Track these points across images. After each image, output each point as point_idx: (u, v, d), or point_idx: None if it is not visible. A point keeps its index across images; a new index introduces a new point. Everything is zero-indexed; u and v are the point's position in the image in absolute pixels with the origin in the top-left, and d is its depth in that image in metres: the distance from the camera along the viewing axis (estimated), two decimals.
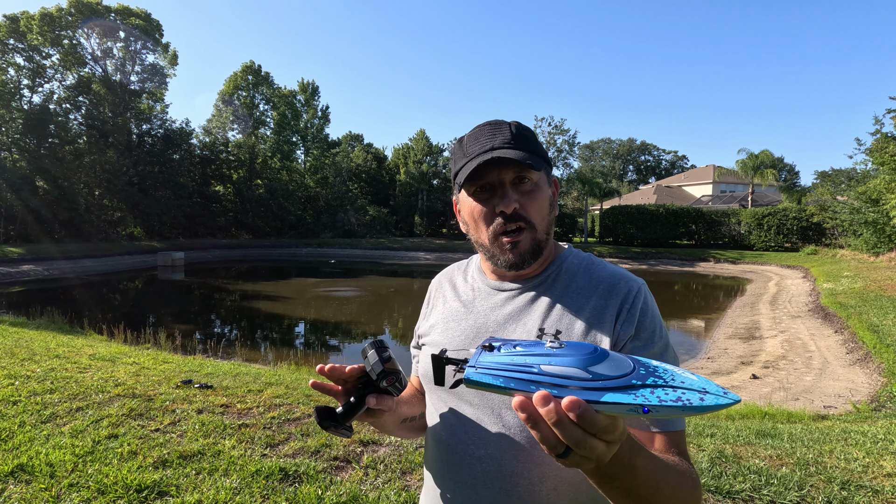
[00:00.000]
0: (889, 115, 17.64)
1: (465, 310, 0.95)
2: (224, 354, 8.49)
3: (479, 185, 0.86)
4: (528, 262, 0.87)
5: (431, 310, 1.03)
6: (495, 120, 0.89)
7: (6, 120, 25.75)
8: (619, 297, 0.87)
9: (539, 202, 0.86)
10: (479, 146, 0.86)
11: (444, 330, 0.95)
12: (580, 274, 0.91)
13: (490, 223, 0.86)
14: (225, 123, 39.16)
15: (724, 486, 2.61)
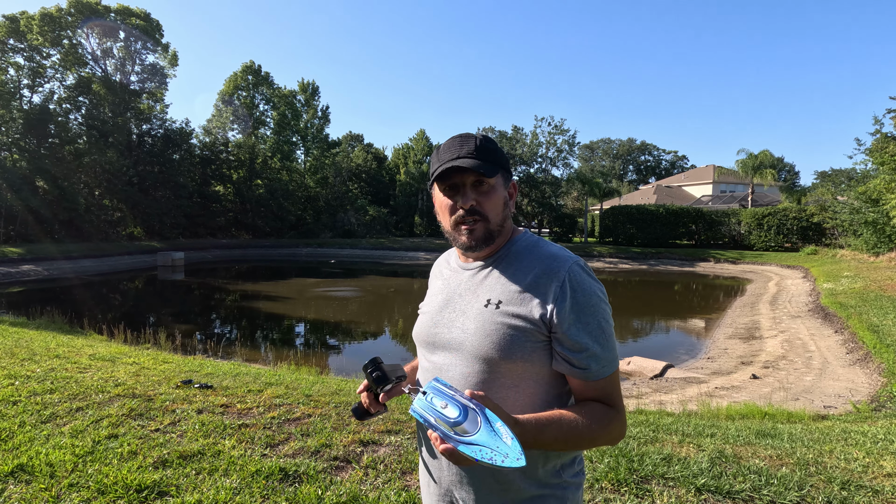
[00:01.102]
0: (889, 115, 17.66)
1: (443, 285, 1.21)
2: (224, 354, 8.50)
3: (447, 185, 1.08)
4: (481, 246, 1.09)
5: (428, 288, 1.31)
6: (466, 133, 1.10)
7: (6, 120, 25.74)
8: (552, 275, 1.05)
9: (493, 201, 1.08)
10: (448, 154, 1.07)
11: (429, 302, 1.22)
12: (524, 254, 1.12)
13: (452, 214, 1.08)
14: (225, 123, 39.16)
15: (724, 486, 2.61)
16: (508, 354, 1.03)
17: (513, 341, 1.03)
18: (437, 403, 0.89)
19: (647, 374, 7.76)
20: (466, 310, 1.10)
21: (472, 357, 1.06)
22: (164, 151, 32.32)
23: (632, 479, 2.67)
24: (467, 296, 1.12)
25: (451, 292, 1.16)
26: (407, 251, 32.54)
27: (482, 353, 1.04)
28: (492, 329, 1.04)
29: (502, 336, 1.03)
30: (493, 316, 1.05)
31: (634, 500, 2.50)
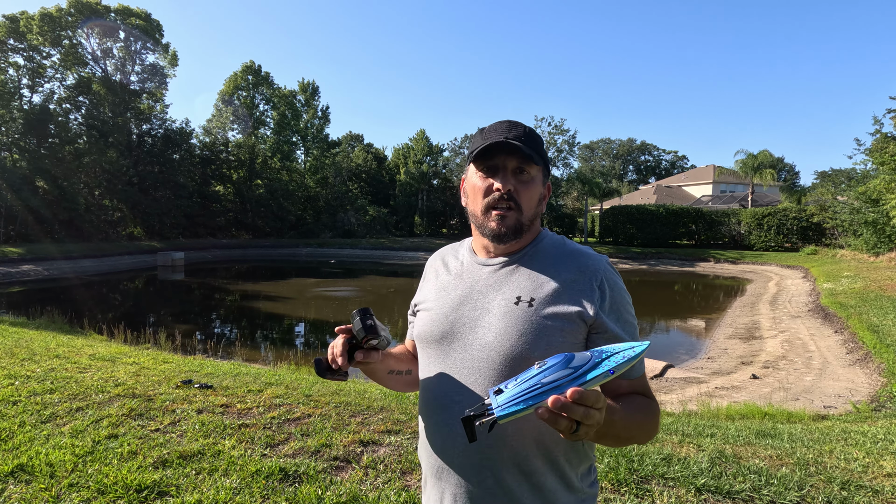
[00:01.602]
0: (889, 115, 17.65)
1: (456, 281, 1.12)
2: (224, 354, 8.50)
3: (486, 165, 1.04)
4: (510, 236, 1.03)
5: (425, 283, 1.21)
6: (515, 120, 1.07)
7: (6, 120, 25.74)
8: (589, 272, 1.03)
9: (531, 192, 1.04)
10: (495, 134, 1.03)
11: (437, 298, 1.12)
12: (553, 251, 1.09)
13: (486, 196, 1.03)
14: (225, 123, 39.15)
15: (724, 486, 2.61)
16: (544, 354, 0.96)
17: (550, 340, 0.98)
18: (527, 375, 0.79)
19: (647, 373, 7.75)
20: (490, 307, 1.03)
21: (502, 357, 0.99)
22: (164, 151, 32.31)
23: (632, 479, 2.67)
24: (490, 293, 1.05)
25: (469, 288, 1.08)
26: (407, 251, 32.54)
27: (515, 353, 0.98)
28: (526, 328, 0.99)
29: (538, 335, 0.99)
30: (527, 314, 1.00)
31: (634, 500, 2.50)
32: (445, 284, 1.13)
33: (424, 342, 1.12)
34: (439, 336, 1.08)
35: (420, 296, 1.20)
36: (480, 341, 1.02)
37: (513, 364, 0.99)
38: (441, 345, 1.07)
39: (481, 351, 1.01)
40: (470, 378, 1.02)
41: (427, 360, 1.11)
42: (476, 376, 1.01)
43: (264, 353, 9.83)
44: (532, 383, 0.76)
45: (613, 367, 0.77)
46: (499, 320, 1.01)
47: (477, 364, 1.02)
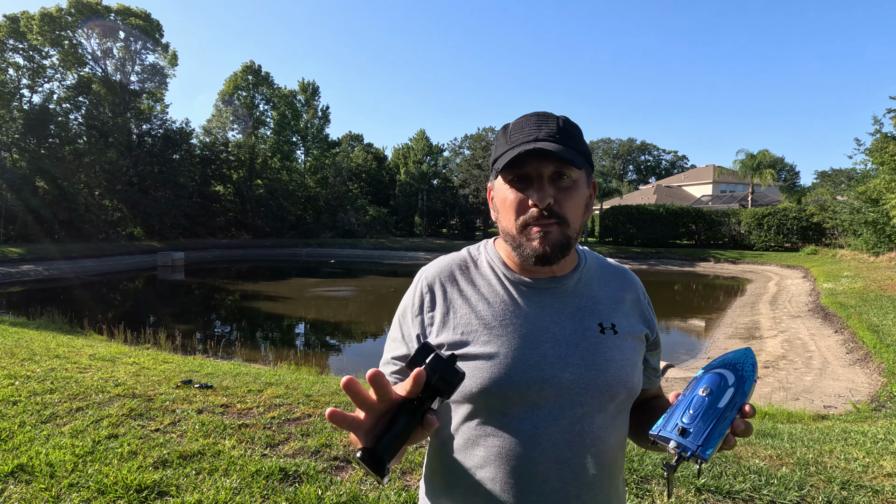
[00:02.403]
0: (889, 114, 17.65)
1: (511, 311, 0.88)
2: (224, 354, 8.49)
3: (516, 175, 0.85)
4: (556, 256, 0.85)
5: (450, 314, 0.90)
6: (544, 112, 0.88)
7: (6, 120, 25.73)
8: (639, 289, 1.00)
9: (575, 200, 0.85)
10: (523, 135, 0.85)
11: (496, 336, 0.86)
12: (600, 268, 0.99)
13: (521, 214, 0.85)
14: (225, 123, 39.13)
15: (724, 486, 2.61)
16: (638, 384, 0.92)
17: (637, 367, 0.92)
18: (700, 404, 0.76)
19: None
20: (578, 341, 0.87)
21: (607, 398, 0.87)
22: (164, 151, 32.30)
23: (632, 480, 2.67)
24: (565, 322, 0.88)
25: (538, 321, 0.88)
26: (407, 251, 32.53)
27: (620, 391, 0.88)
28: (622, 359, 0.89)
29: (633, 365, 0.90)
30: (616, 342, 0.89)
31: (634, 500, 2.50)
32: (497, 316, 0.88)
33: (491, 395, 0.84)
34: (524, 385, 0.84)
35: (449, 333, 0.88)
36: (581, 384, 0.85)
37: (617, 405, 0.89)
38: (521, 399, 0.84)
39: (583, 396, 0.85)
40: (574, 433, 0.85)
41: (491, 423, 0.86)
42: (581, 429, 0.85)
43: (264, 353, 9.83)
44: (714, 411, 0.75)
45: (755, 377, 0.79)
46: (595, 354, 0.87)
47: (581, 414, 0.85)
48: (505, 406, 0.85)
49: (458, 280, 0.93)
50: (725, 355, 0.84)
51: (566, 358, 0.86)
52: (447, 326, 0.89)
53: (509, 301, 0.89)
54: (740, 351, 0.83)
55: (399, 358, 0.93)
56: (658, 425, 0.78)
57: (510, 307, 0.89)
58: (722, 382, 0.77)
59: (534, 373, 0.84)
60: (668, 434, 0.75)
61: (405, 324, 0.94)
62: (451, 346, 0.88)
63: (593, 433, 0.86)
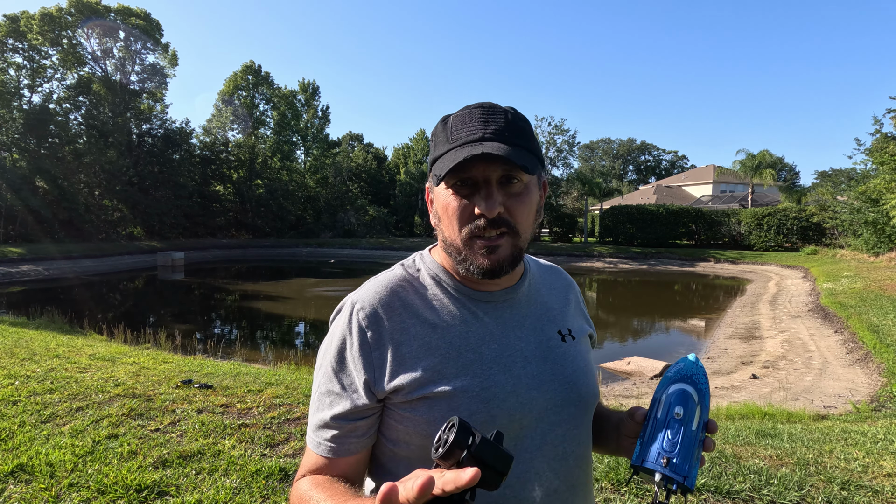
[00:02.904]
0: (889, 115, 17.65)
1: (475, 334, 0.78)
2: (224, 354, 8.49)
3: (461, 179, 0.73)
4: (506, 270, 0.75)
5: (402, 348, 0.75)
6: (489, 103, 0.76)
7: (6, 120, 25.74)
8: (575, 287, 0.96)
9: (527, 207, 0.75)
10: (466, 132, 0.73)
11: (463, 366, 0.75)
12: (541, 271, 0.92)
13: (467, 223, 0.73)
14: (225, 123, 39.15)
15: (724, 486, 2.61)
16: (598, 389, 0.87)
17: (595, 372, 0.87)
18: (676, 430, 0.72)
19: (646, 374, 7.75)
20: (545, 354, 0.80)
21: (582, 411, 0.81)
22: (164, 151, 32.31)
23: (632, 480, 2.67)
24: (528, 334, 0.81)
25: (502, 336, 0.79)
26: (407, 251, 32.41)
27: (591, 400, 0.83)
28: (585, 366, 0.84)
29: (593, 370, 0.86)
30: (577, 348, 0.84)
31: (634, 500, 2.50)
32: (452, 341, 0.76)
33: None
34: (505, 417, 0.74)
35: (407, 376, 0.74)
36: (556, 401, 0.78)
37: (589, 417, 0.84)
38: (508, 426, 0.74)
39: (561, 412, 0.79)
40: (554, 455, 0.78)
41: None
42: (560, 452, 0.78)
43: (264, 353, 9.82)
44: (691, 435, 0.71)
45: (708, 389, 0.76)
46: (562, 366, 0.81)
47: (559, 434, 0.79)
48: None
49: (402, 304, 0.78)
50: (677, 366, 0.77)
51: (539, 375, 0.78)
52: (404, 365, 0.74)
53: (470, 320, 0.78)
54: (689, 361, 0.77)
55: (342, 416, 0.75)
56: (637, 454, 0.72)
57: (472, 328, 0.77)
58: (690, 402, 0.73)
59: (512, 400, 0.74)
60: (653, 465, 0.70)
61: (344, 372, 0.76)
62: (413, 388, 0.73)
63: (575, 453, 0.80)
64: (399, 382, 0.73)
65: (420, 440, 0.73)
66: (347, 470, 0.76)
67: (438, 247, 0.84)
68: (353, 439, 0.76)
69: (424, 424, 0.73)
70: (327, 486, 0.71)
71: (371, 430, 0.77)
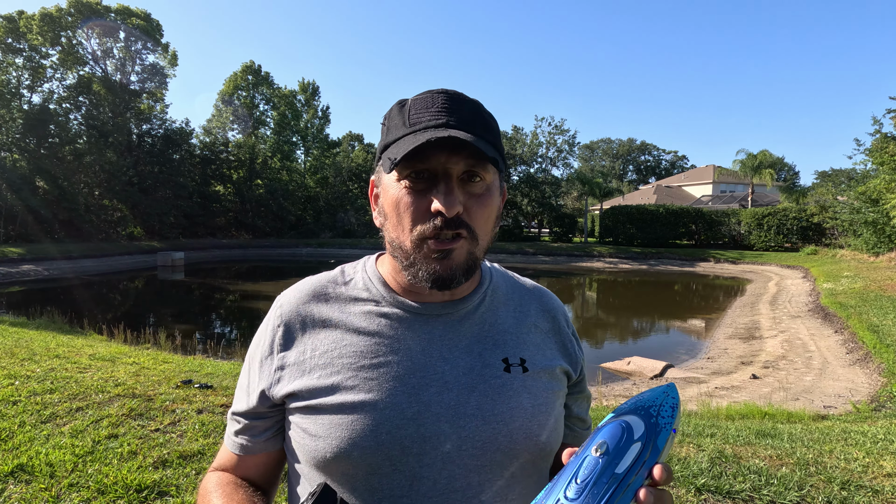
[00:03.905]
0: (889, 115, 17.67)
1: (387, 346, 0.68)
2: (224, 354, 8.49)
3: (415, 171, 0.64)
4: (459, 279, 0.66)
5: (307, 353, 0.70)
6: (454, 91, 0.68)
7: (6, 120, 25.74)
8: (560, 315, 0.80)
9: (488, 210, 0.67)
10: (428, 116, 0.65)
11: (364, 379, 0.66)
12: (510, 289, 0.79)
13: (420, 223, 0.65)
14: (225, 123, 39.16)
15: (724, 486, 2.60)
16: (554, 439, 0.71)
17: (553, 416, 0.71)
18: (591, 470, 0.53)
19: (647, 374, 7.76)
20: (474, 383, 0.67)
21: (510, 459, 0.66)
22: (164, 151, 32.32)
23: None
24: (459, 359, 0.69)
25: (422, 358, 0.68)
26: None
27: (526, 448, 0.67)
28: (532, 405, 0.68)
29: (547, 412, 0.70)
30: (526, 382, 0.70)
31: None
32: (366, 352, 0.68)
33: (351, 462, 0.64)
34: (397, 447, 0.63)
35: (304, 379, 0.68)
36: (474, 442, 0.65)
37: (527, 464, 0.68)
38: (401, 461, 0.64)
39: (480, 457, 0.65)
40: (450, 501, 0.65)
41: (352, 498, 0.65)
42: (473, 499, 0.65)
43: None
44: (609, 478, 0.52)
45: (675, 426, 0.58)
46: (494, 401, 0.67)
47: (476, 481, 0.65)
48: (372, 479, 0.64)
49: (321, 307, 0.73)
50: (640, 396, 0.61)
51: (457, 407, 0.65)
52: (304, 369, 0.68)
53: (387, 332, 0.69)
54: (659, 389, 0.61)
55: (241, 414, 0.73)
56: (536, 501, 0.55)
57: (386, 341, 0.68)
58: (625, 437, 0.56)
59: (411, 429, 0.64)
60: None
61: (252, 369, 0.73)
62: (305, 396, 0.67)
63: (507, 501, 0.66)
64: (293, 388, 0.68)
65: (304, 454, 0.68)
66: (252, 471, 0.74)
67: (385, 255, 0.77)
68: (252, 438, 0.73)
69: (307, 437, 0.67)
70: (228, 491, 0.70)
71: (268, 433, 0.73)
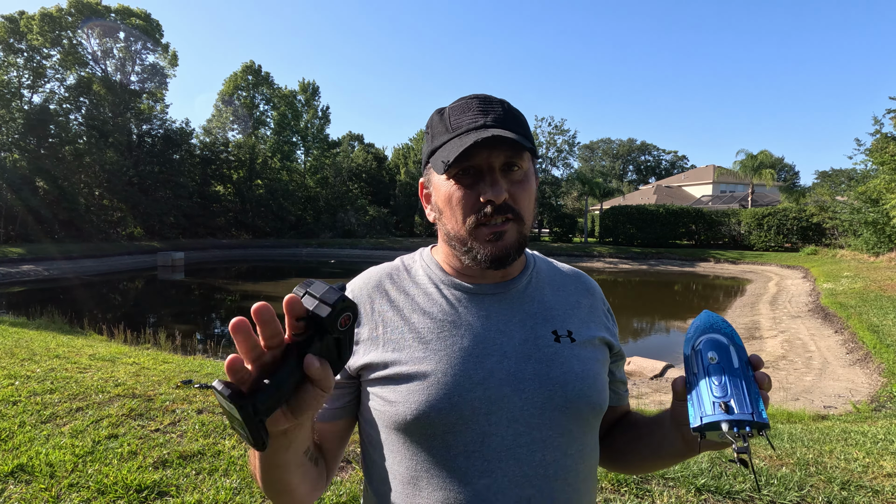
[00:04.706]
0: (889, 115, 17.66)
1: (451, 322, 0.78)
2: (224, 354, 8.49)
3: (462, 168, 0.74)
4: (513, 257, 0.76)
5: (378, 329, 0.79)
6: (484, 94, 0.78)
7: (6, 120, 25.74)
8: (598, 295, 0.91)
9: (528, 193, 0.77)
10: (468, 120, 0.75)
11: (433, 351, 0.75)
12: (552, 272, 0.89)
13: (472, 212, 0.74)
14: (225, 123, 39.15)
15: (723, 486, 2.61)
16: (604, 399, 0.80)
17: (601, 380, 0.80)
18: (717, 374, 0.68)
19: (647, 374, 7.75)
20: (530, 352, 0.77)
21: (569, 418, 0.76)
22: (165, 151, 32.32)
23: (632, 480, 2.67)
24: (514, 331, 0.78)
25: (481, 331, 0.77)
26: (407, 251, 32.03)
27: (583, 408, 0.76)
28: (582, 370, 0.77)
29: (595, 376, 0.79)
30: (576, 351, 0.79)
31: (634, 500, 2.50)
32: (432, 329, 0.77)
33: (429, 422, 0.72)
34: (468, 408, 0.72)
35: (378, 352, 0.77)
36: (535, 403, 0.74)
37: (580, 426, 0.77)
38: (472, 419, 0.72)
39: (540, 416, 0.74)
40: (532, 464, 0.73)
41: (433, 459, 0.73)
42: (535, 460, 0.73)
43: None
44: (736, 372, 0.66)
45: (733, 331, 0.73)
46: (549, 367, 0.76)
47: (539, 437, 0.74)
48: (448, 437, 0.72)
49: (388, 291, 0.82)
50: (695, 325, 0.75)
51: (517, 373, 0.74)
52: (376, 344, 0.78)
53: (449, 311, 0.79)
54: (703, 316, 0.76)
55: None
56: (693, 415, 0.67)
57: (449, 318, 0.78)
58: (720, 345, 0.70)
59: (479, 391, 0.72)
60: (714, 417, 0.64)
61: None
62: (380, 367, 0.76)
63: (558, 462, 0.74)
64: (367, 360, 0.77)
65: (383, 420, 0.76)
66: (321, 435, 0.80)
67: (438, 245, 0.87)
68: (325, 406, 0.79)
69: (386, 405, 0.75)
70: None
71: (342, 402, 0.80)
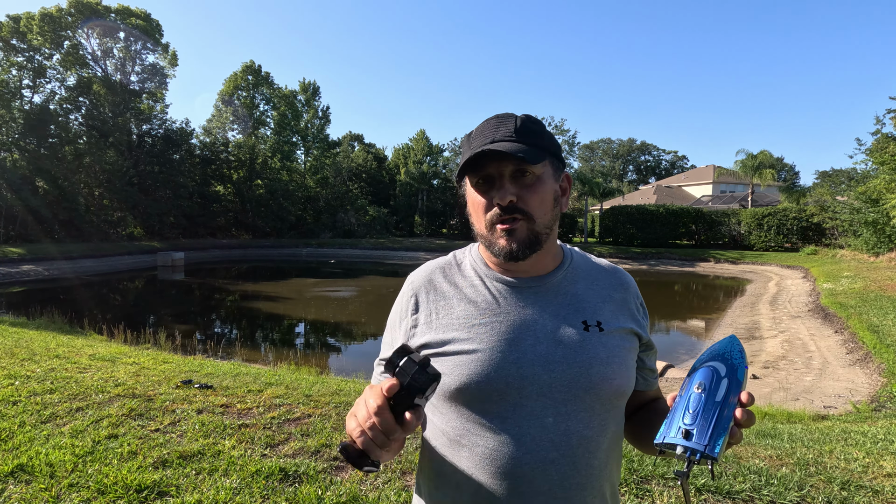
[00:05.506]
0: (889, 115, 17.66)
1: (492, 310, 0.90)
2: (224, 354, 8.49)
3: (479, 177, 0.89)
4: (525, 252, 0.87)
5: (433, 315, 0.93)
6: (505, 113, 0.91)
7: (6, 120, 25.74)
8: (631, 289, 0.99)
9: (539, 195, 0.87)
10: (481, 138, 0.88)
11: (476, 334, 0.88)
12: (588, 267, 0.99)
13: (486, 213, 0.89)
14: (225, 123, 39.13)
15: (723, 486, 2.61)
16: (627, 383, 0.91)
17: (627, 366, 0.91)
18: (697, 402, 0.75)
19: None
20: (561, 338, 0.88)
21: (592, 397, 0.86)
22: (165, 151, 32.31)
23: (632, 480, 2.67)
24: (547, 321, 0.89)
25: (518, 319, 0.89)
26: (407, 251, 32.53)
27: (604, 389, 0.86)
28: (607, 356, 0.87)
29: (620, 362, 0.89)
30: (602, 339, 0.89)
31: (634, 500, 2.50)
32: (478, 315, 0.90)
33: (469, 392, 0.86)
34: (502, 382, 0.85)
35: (433, 333, 0.91)
36: (563, 383, 0.85)
37: (605, 407, 0.88)
38: (506, 392, 0.85)
39: (566, 393, 0.85)
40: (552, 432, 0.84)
41: (473, 422, 0.87)
42: (562, 429, 0.85)
43: (264, 354, 9.83)
44: (713, 406, 0.74)
45: (745, 363, 0.80)
46: (579, 352, 0.86)
47: (564, 411, 0.85)
48: (486, 405, 0.86)
49: (442, 282, 0.97)
50: (711, 348, 0.83)
51: (547, 356, 0.86)
52: (431, 327, 0.92)
53: (491, 300, 0.91)
54: (725, 340, 0.83)
55: (384, 360, 0.96)
56: (661, 433, 0.76)
57: (492, 306, 0.91)
58: (714, 375, 0.77)
59: (513, 370, 0.85)
60: (673, 440, 0.73)
61: (393, 328, 1.00)
62: (434, 346, 0.90)
63: (580, 433, 0.85)
64: (424, 340, 0.91)
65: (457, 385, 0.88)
66: None
67: None
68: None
69: (449, 376, 0.88)
70: None
71: None
